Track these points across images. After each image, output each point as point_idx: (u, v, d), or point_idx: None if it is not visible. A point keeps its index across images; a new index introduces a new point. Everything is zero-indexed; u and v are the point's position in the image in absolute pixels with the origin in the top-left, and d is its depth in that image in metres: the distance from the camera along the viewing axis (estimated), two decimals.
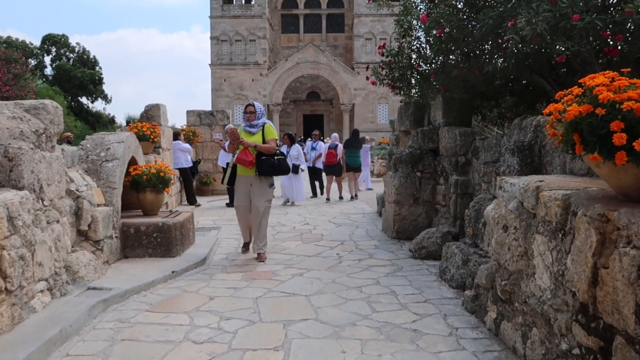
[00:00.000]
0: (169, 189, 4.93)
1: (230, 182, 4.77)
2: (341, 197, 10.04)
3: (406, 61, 5.81)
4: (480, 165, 4.39)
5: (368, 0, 33.94)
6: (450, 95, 5.36)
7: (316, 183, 10.62)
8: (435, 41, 4.77)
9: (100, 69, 38.59)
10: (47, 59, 37.50)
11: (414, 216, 5.65)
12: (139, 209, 4.87)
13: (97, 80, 37.51)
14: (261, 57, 36.84)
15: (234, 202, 5.11)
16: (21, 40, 33.96)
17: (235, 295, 3.59)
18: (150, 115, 7.76)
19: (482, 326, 2.92)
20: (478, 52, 4.65)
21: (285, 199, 9.24)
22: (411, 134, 6.13)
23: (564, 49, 3.22)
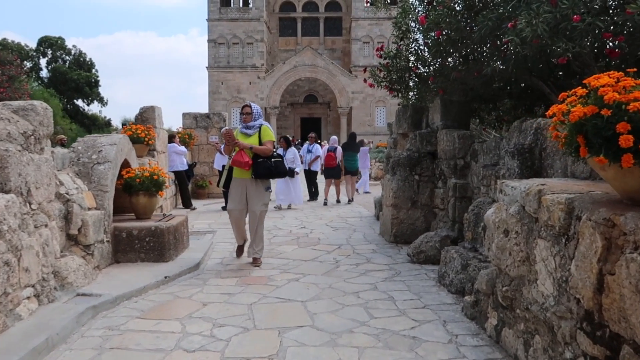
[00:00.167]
0: (162, 192, 4.85)
1: (226, 185, 4.69)
2: (338, 201, 9.98)
3: (404, 63, 5.78)
4: (480, 169, 4.33)
5: (366, 1, 34.02)
6: (449, 98, 5.33)
7: (312, 187, 10.55)
8: (434, 43, 4.74)
9: (96, 71, 38.52)
10: (43, 61, 37.44)
11: (412, 220, 5.59)
12: (132, 213, 4.79)
13: (93, 83, 37.41)
14: (259, 60, 36.84)
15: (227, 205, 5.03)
16: (17, 42, 33.84)
17: (229, 301, 3.52)
18: (145, 118, 7.68)
19: (482, 333, 2.87)
20: (476, 55, 4.62)
21: (278, 204, 8.85)
22: (409, 136, 6.08)
23: (565, 49, 3.17)
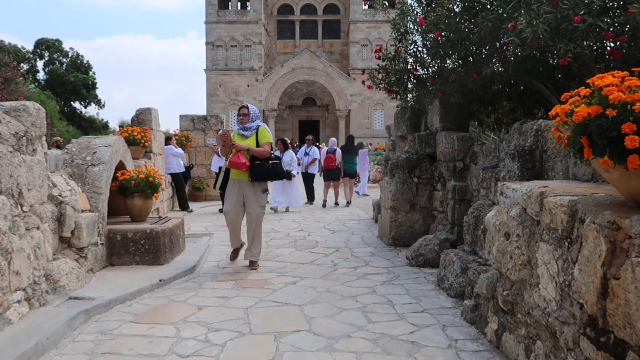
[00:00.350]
0: (157, 195, 4.79)
1: (222, 186, 4.63)
2: (337, 203, 9.93)
3: (403, 65, 5.74)
4: (479, 171, 4.29)
5: (365, 1, 34.07)
6: (448, 100, 5.29)
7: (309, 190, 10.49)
8: (433, 45, 4.71)
9: (93, 73, 38.38)
10: (40, 64, 37.27)
11: (410, 222, 5.54)
12: (127, 215, 4.73)
13: (91, 85, 37.27)
14: (257, 63, 36.84)
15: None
16: (14, 44, 33.68)
17: (225, 305, 3.46)
18: (142, 120, 7.61)
19: (482, 338, 2.82)
20: (476, 56, 4.59)
21: (274, 207, 8.73)
22: (408, 139, 6.04)
23: (566, 50, 3.14)
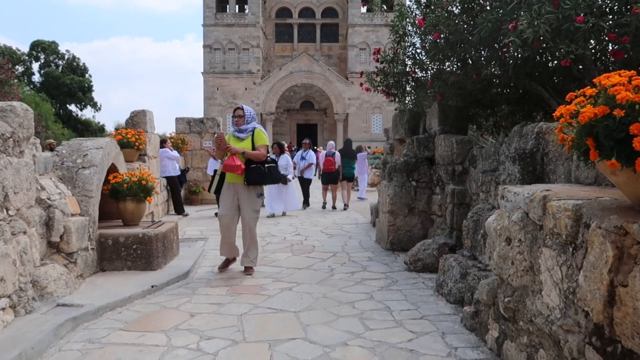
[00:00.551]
0: (150, 198, 4.70)
1: (217, 190, 4.53)
2: (334, 207, 9.85)
3: (401, 67, 5.68)
4: (479, 174, 4.22)
5: (363, 3, 34.07)
6: (446, 102, 5.23)
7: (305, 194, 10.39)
8: (432, 46, 4.65)
9: (90, 76, 38.29)
10: (36, 66, 37.15)
11: (409, 227, 5.46)
12: (119, 219, 4.63)
13: (87, 88, 37.16)
14: (255, 66, 36.80)
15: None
16: (9, 46, 33.54)
17: (218, 312, 3.36)
18: (136, 122, 7.52)
19: (483, 345, 2.74)
20: (475, 58, 4.53)
21: (271, 213, 8.54)
22: (406, 142, 5.97)
23: (567, 51, 3.07)
